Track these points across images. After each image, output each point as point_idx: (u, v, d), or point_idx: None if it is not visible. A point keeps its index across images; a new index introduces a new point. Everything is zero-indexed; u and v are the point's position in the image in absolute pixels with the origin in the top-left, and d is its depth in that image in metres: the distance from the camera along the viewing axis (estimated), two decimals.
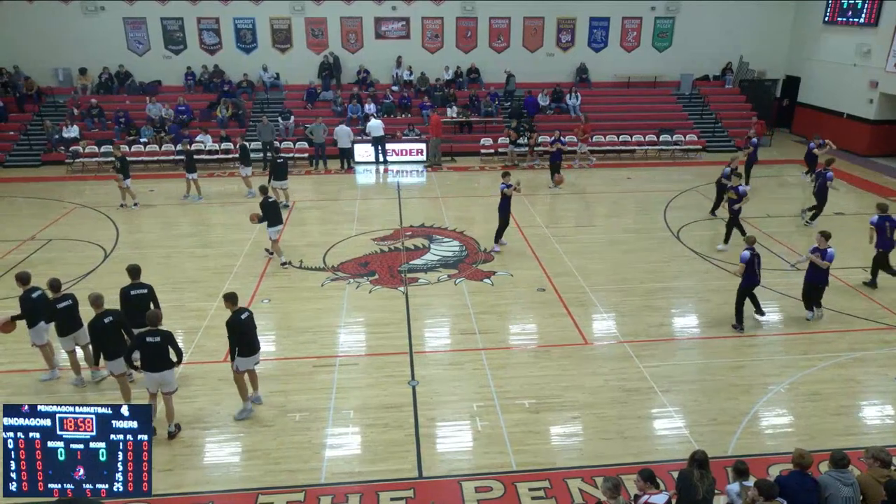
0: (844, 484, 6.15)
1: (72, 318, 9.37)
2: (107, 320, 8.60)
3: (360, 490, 7.58)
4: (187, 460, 8.10)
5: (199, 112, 23.77)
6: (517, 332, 11.39)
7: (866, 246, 13.02)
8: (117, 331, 8.75)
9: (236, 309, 8.63)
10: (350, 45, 25.40)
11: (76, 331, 9.43)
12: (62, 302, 9.25)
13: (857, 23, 23.20)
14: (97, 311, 8.63)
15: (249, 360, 8.76)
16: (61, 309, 9.22)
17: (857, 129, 23.31)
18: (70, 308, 9.34)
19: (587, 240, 15.37)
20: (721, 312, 11.84)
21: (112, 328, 8.66)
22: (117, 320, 8.75)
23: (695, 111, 25.44)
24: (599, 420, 8.83)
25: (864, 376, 9.90)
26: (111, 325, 8.63)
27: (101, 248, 14.91)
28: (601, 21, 25.91)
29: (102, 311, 8.66)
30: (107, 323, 8.59)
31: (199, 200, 18.41)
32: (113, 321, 8.67)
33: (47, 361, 9.74)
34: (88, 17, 23.87)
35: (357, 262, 14.06)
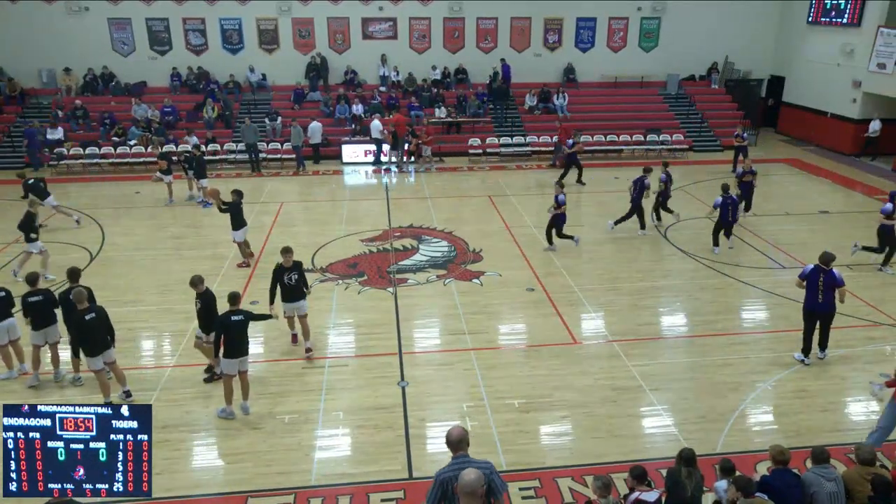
0: (827, 479, 6.21)
1: (43, 314, 9.41)
2: (88, 317, 8.69)
3: (351, 491, 7.57)
4: (177, 464, 8.05)
5: (185, 113, 23.61)
6: (507, 332, 11.41)
7: (848, 244, 13.16)
8: (101, 327, 8.86)
9: (231, 309, 8.66)
10: (337, 46, 25.34)
11: (47, 327, 9.48)
12: (33, 297, 9.32)
13: (841, 23, 23.43)
14: (80, 307, 8.70)
15: (233, 362, 8.68)
16: (31, 303, 9.29)
17: (842, 129, 23.55)
18: (41, 304, 9.36)
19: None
20: (709, 310, 11.92)
21: (94, 323, 8.75)
22: (100, 315, 8.85)
23: (681, 111, 25.60)
24: (589, 419, 8.87)
25: (850, 373, 10.00)
26: (92, 321, 8.72)
27: (87, 250, 14.78)
28: (588, 21, 26.00)
29: (85, 307, 8.73)
30: (87, 319, 8.68)
31: (171, 202, 18.26)
32: (95, 317, 8.76)
33: (4, 361, 9.78)
34: (72, 18, 23.62)
35: (346, 263, 14.03)
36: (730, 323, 11.57)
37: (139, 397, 9.30)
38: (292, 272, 10.11)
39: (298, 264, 10.34)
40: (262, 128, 22.70)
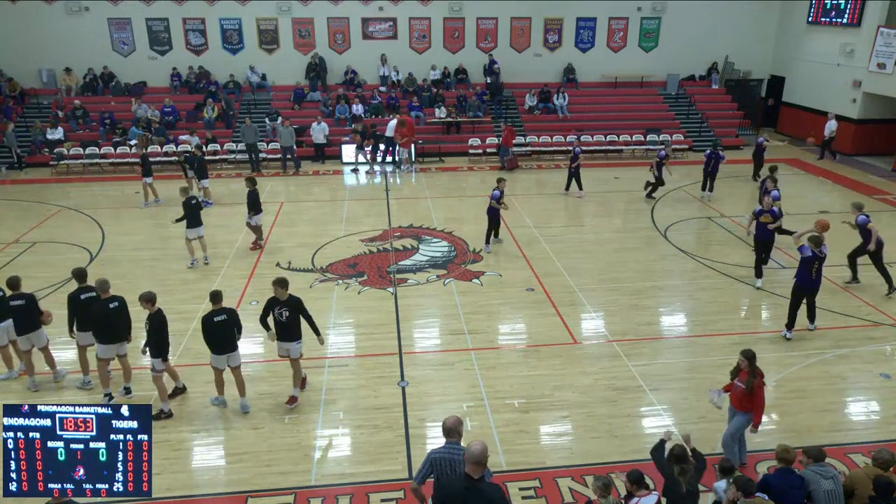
0: (825, 477, 6.24)
1: (26, 319, 9.31)
2: (112, 305, 8.96)
3: (351, 491, 7.57)
4: (176, 464, 8.05)
5: (185, 113, 23.61)
6: (507, 332, 11.40)
7: (846, 245, 13.15)
8: (120, 316, 9.07)
9: (214, 309, 8.70)
10: (337, 46, 25.34)
11: (31, 332, 9.37)
12: (15, 300, 9.25)
13: (841, 23, 23.44)
14: (105, 296, 8.94)
15: (220, 358, 8.81)
16: (14, 307, 9.24)
17: (842, 129, 23.52)
18: (23, 308, 9.26)
19: (576, 239, 15.43)
20: (709, 310, 11.93)
21: (116, 313, 8.99)
22: (122, 305, 9.11)
23: (681, 111, 25.60)
24: (589, 419, 8.87)
25: (849, 373, 10.00)
26: (116, 309, 8.97)
27: (87, 250, 14.78)
28: (588, 21, 26.00)
29: (109, 295, 8.99)
30: (112, 308, 8.94)
31: (159, 202, 18.21)
32: (118, 306, 9.02)
33: (5, 361, 9.77)
34: (72, 18, 23.62)
35: (346, 263, 14.02)
36: (729, 323, 11.56)
37: (138, 396, 9.31)
38: (283, 307, 8.85)
39: (295, 302, 8.95)
40: (262, 128, 22.70)
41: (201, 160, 17.97)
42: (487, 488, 5.30)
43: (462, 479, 5.30)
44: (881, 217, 17.22)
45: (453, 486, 5.42)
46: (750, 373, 7.41)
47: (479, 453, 5.20)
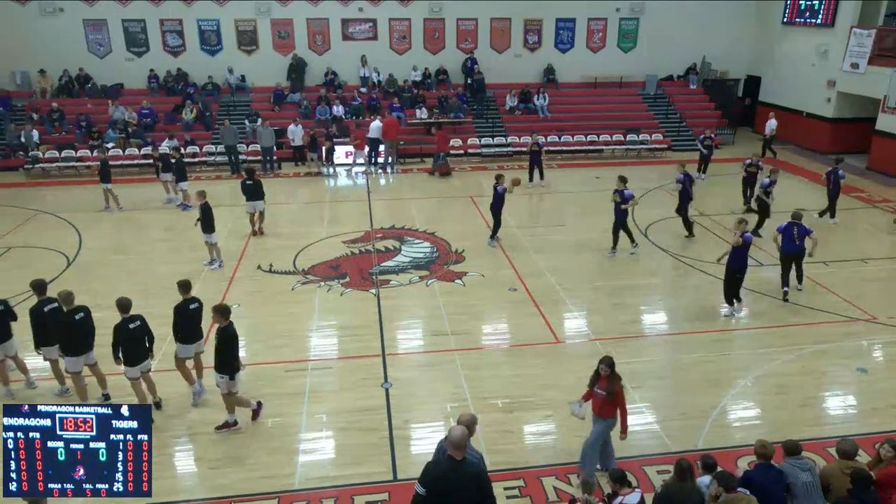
0: (802, 470, 6.34)
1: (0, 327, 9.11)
2: (77, 316, 8.70)
3: (335, 494, 7.54)
4: (159, 469, 7.92)
5: (163, 115, 23.36)
6: (490, 332, 11.43)
7: (826, 241, 13.36)
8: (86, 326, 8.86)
9: (187, 298, 9.00)
10: (317, 47, 25.22)
11: (5, 341, 9.13)
12: None
13: (815, 23, 23.80)
14: (68, 308, 8.69)
15: (189, 347, 9.09)
16: None
17: (817, 128, 23.92)
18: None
19: (557, 239, 15.49)
20: (690, 308, 12.04)
21: (82, 324, 8.77)
22: (87, 315, 8.87)
23: (660, 111, 25.83)
24: (572, 418, 8.84)
25: (828, 368, 10.16)
26: (81, 320, 8.75)
27: (64, 255, 14.57)
28: (567, 22, 26.15)
29: (74, 307, 8.73)
30: (77, 319, 8.70)
31: (120, 210, 17.72)
32: (84, 316, 8.79)
33: None
34: (47, 19, 23.26)
35: (328, 265, 13.97)
36: (710, 320, 11.68)
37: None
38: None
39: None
40: (241, 129, 22.52)
41: (180, 162, 17.78)
42: (471, 468, 5.66)
43: (446, 461, 5.61)
44: (855, 214, 17.54)
45: (439, 469, 5.69)
46: (610, 379, 7.45)
47: (458, 438, 5.52)
